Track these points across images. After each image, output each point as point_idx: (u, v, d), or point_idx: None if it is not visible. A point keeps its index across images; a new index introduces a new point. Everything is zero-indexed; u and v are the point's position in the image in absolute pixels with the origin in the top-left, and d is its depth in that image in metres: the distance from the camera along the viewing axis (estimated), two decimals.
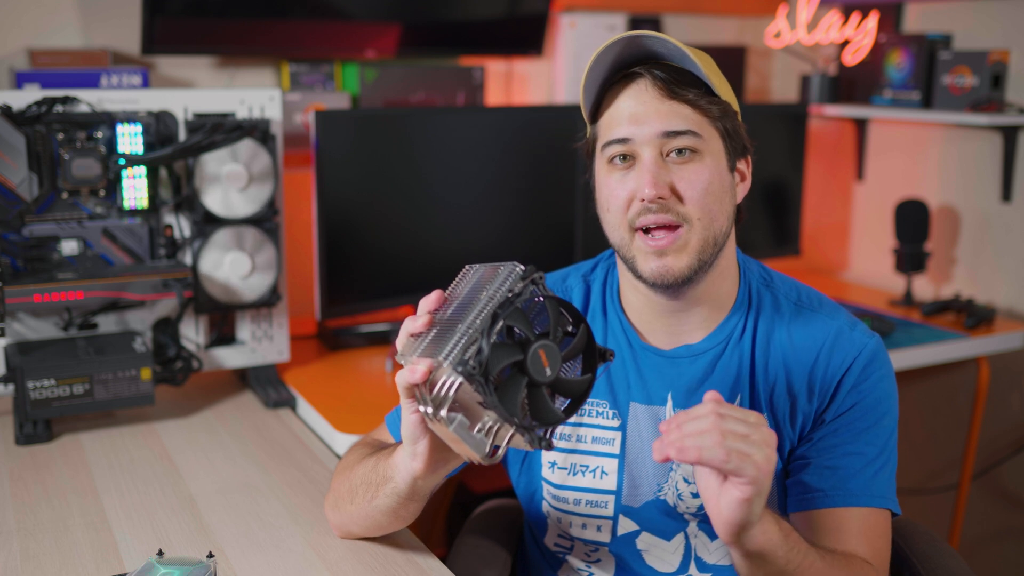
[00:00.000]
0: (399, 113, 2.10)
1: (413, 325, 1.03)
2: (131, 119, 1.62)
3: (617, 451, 1.23)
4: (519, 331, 0.94)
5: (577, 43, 2.50)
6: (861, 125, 2.70)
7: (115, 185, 1.63)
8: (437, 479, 1.11)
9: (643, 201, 1.12)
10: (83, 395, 1.56)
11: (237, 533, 1.28)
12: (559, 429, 1.11)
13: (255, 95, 1.73)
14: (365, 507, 1.17)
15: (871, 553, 1.14)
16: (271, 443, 1.59)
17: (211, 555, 1.08)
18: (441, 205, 2.06)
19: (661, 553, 1.24)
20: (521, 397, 0.94)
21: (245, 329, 1.80)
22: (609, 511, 1.24)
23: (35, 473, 1.45)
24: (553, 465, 1.26)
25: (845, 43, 2.62)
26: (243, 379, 1.87)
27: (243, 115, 1.72)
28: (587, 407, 1.24)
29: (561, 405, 0.99)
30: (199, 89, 1.97)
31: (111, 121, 1.61)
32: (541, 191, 2.18)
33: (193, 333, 1.75)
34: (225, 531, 1.28)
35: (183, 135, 1.66)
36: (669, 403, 1.21)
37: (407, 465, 1.08)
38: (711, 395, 0.98)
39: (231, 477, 1.45)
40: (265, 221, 1.74)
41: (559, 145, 2.16)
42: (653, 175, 1.12)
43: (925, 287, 2.57)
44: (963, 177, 2.48)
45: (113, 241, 1.65)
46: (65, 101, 1.58)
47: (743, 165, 1.21)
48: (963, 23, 2.45)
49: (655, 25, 2.66)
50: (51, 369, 1.53)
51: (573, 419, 1.09)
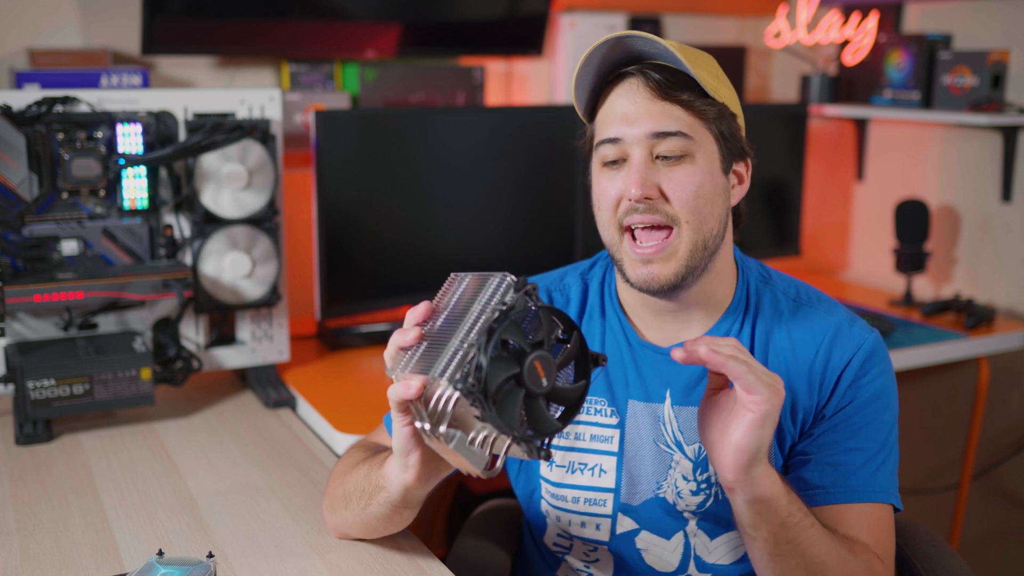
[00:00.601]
0: (399, 113, 2.10)
1: (403, 338, 1.01)
2: (131, 119, 1.62)
3: (616, 449, 1.23)
4: (513, 343, 0.94)
5: (577, 43, 2.50)
6: (861, 125, 2.70)
7: (115, 185, 1.63)
8: (430, 487, 1.11)
9: (630, 200, 1.13)
10: (83, 395, 1.56)
11: (237, 533, 1.28)
12: None
13: (255, 95, 1.73)
14: (360, 513, 1.17)
15: (875, 546, 1.14)
16: (271, 443, 1.59)
17: (211, 555, 1.08)
18: (441, 205, 2.06)
19: (660, 552, 1.24)
20: (519, 409, 0.94)
21: (245, 329, 1.80)
22: (608, 509, 1.24)
23: (35, 473, 1.45)
24: (552, 463, 1.26)
25: (845, 43, 2.62)
26: (243, 379, 1.87)
27: (243, 115, 1.72)
28: (585, 405, 1.23)
29: (555, 412, 0.99)
30: (199, 89, 1.97)
31: (111, 121, 1.61)
32: (541, 191, 2.18)
33: (193, 333, 1.75)
34: (225, 531, 1.28)
35: (183, 135, 1.66)
36: (667, 400, 1.21)
37: (399, 476, 1.07)
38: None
39: (231, 477, 1.46)
40: (265, 221, 1.74)
41: (559, 145, 2.16)
42: (641, 175, 1.12)
43: (925, 287, 2.57)
44: (963, 177, 2.48)
45: (113, 241, 1.65)
46: (65, 101, 1.58)
47: (741, 168, 1.20)
48: (963, 23, 2.45)
49: (655, 25, 2.66)
50: (51, 369, 1.53)
51: None
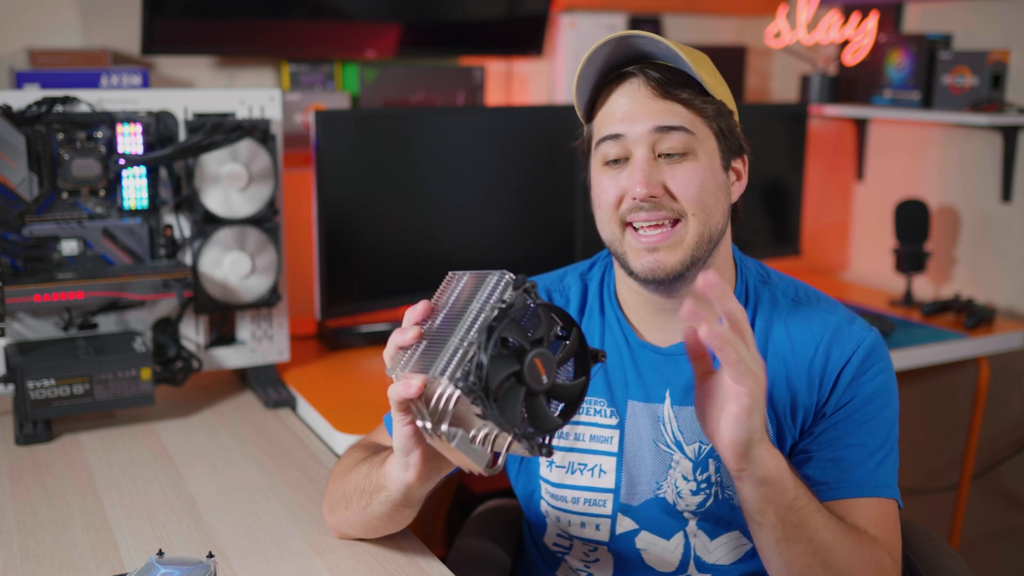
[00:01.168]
0: (399, 113, 2.10)
1: (402, 338, 1.00)
2: (131, 119, 1.62)
3: (615, 449, 1.23)
4: (513, 340, 0.94)
5: (577, 43, 2.50)
6: (861, 125, 2.70)
7: (115, 185, 1.63)
8: (431, 486, 1.11)
9: (634, 199, 1.13)
10: (83, 395, 1.56)
11: (237, 533, 1.28)
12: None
13: (255, 95, 1.73)
14: (360, 513, 1.17)
15: (882, 540, 1.14)
16: (271, 443, 1.59)
17: (211, 555, 1.08)
18: (441, 205, 2.06)
19: (660, 552, 1.24)
20: (520, 407, 0.94)
21: (245, 329, 1.80)
22: (607, 510, 1.24)
23: (35, 473, 1.45)
24: (551, 464, 1.26)
25: (845, 43, 2.62)
26: (243, 379, 1.87)
27: (243, 115, 1.71)
28: (585, 405, 1.24)
29: (555, 408, 0.99)
30: (199, 89, 1.97)
31: (111, 121, 1.61)
32: (541, 191, 2.18)
33: (193, 333, 1.75)
34: (225, 531, 1.28)
35: (183, 135, 1.66)
36: (667, 400, 1.21)
37: (400, 476, 1.07)
38: (712, 278, 0.95)
39: (231, 477, 1.45)
40: (265, 221, 1.74)
41: (559, 145, 2.15)
42: (645, 173, 1.12)
43: (925, 287, 2.57)
44: (963, 177, 2.48)
45: (113, 241, 1.65)
46: (65, 101, 1.58)
47: (739, 164, 1.21)
48: (963, 23, 2.45)
49: (655, 25, 2.66)
50: (51, 369, 1.53)
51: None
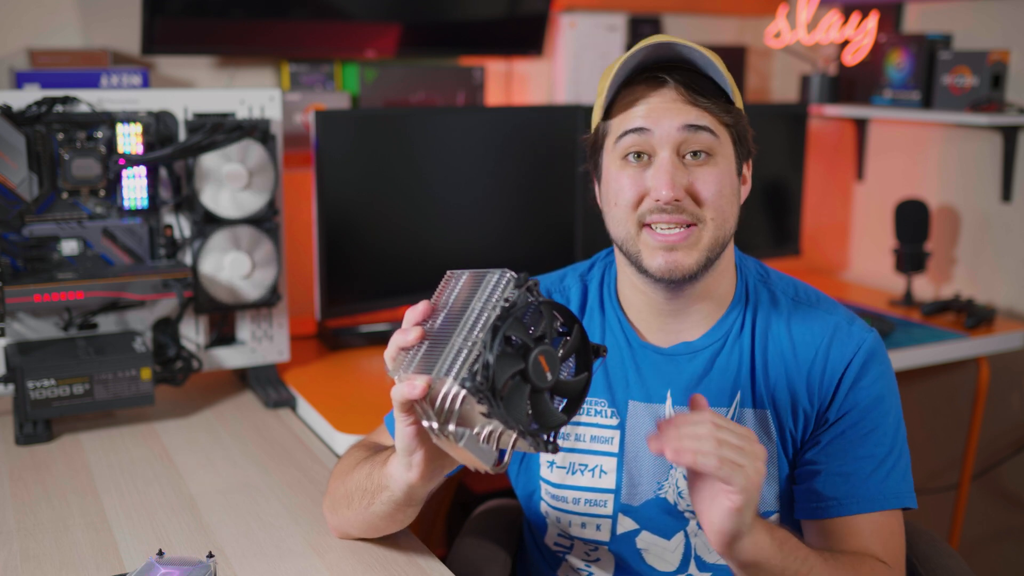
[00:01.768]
0: (399, 113, 2.10)
1: (404, 339, 1.00)
2: (131, 119, 1.62)
3: (616, 450, 1.23)
4: (517, 338, 0.94)
5: (577, 43, 2.50)
6: (861, 125, 2.70)
7: (115, 185, 1.63)
8: (433, 485, 1.11)
9: (658, 201, 1.11)
10: (83, 395, 1.56)
11: (237, 533, 1.28)
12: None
13: (255, 95, 1.73)
14: (362, 513, 1.17)
15: (886, 554, 1.14)
16: (271, 443, 1.59)
17: (211, 555, 1.08)
18: (441, 205, 2.06)
19: (661, 552, 1.24)
20: (525, 404, 0.94)
21: (245, 329, 1.80)
22: (608, 510, 1.24)
23: (35, 473, 1.45)
24: (552, 464, 1.26)
25: (845, 43, 2.62)
26: (243, 379, 1.87)
27: (243, 115, 1.71)
28: (585, 406, 1.24)
29: (558, 405, 0.99)
30: (199, 89, 1.97)
31: (111, 121, 1.60)
32: (541, 191, 2.18)
33: (193, 333, 1.75)
34: (225, 531, 1.28)
35: (183, 135, 1.66)
36: (668, 401, 1.21)
37: (403, 476, 1.07)
38: (702, 401, 1.04)
39: (231, 477, 1.45)
40: (265, 221, 1.74)
41: (559, 145, 2.16)
42: (671, 175, 1.11)
43: (925, 287, 2.57)
44: (963, 177, 2.48)
45: (113, 241, 1.65)
46: (65, 101, 1.58)
47: (746, 169, 1.21)
48: (963, 23, 2.45)
49: (655, 25, 2.66)
50: (51, 369, 1.53)
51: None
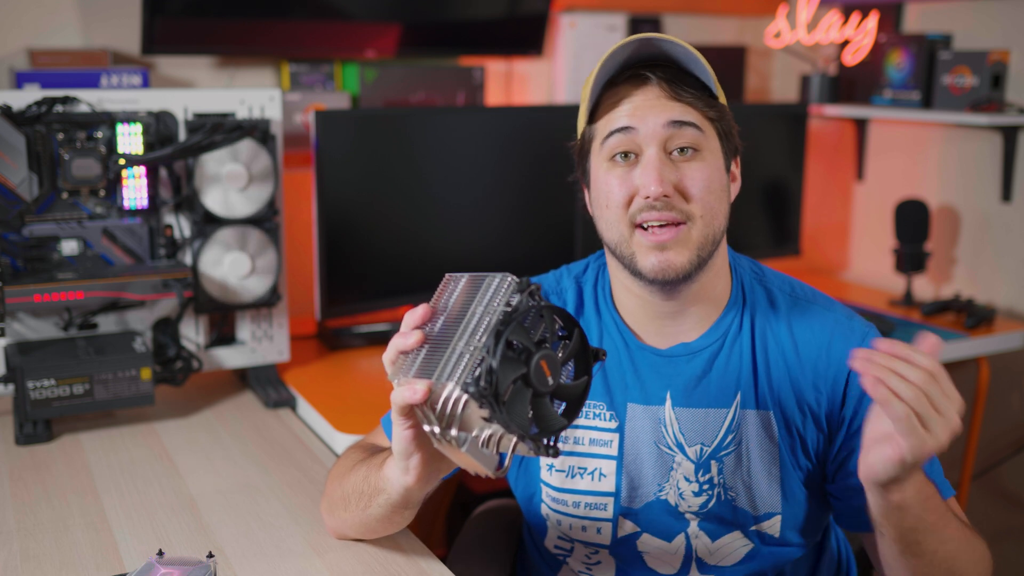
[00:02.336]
0: (399, 113, 2.10)
1: (404, 342, 1.00)
2: (131, 119, 1.62)
3: (615, 453, 1.23)
4: (518, 343, 0.94)
5: (577, 43, 2.50)
6: (861, 125, 2.70)
7: (115, 185, 1.63)
8: (430, 488, 1.11)
9: (647, 198, 1.12)
10: (83, 395, 1.56)
11: (237, 533, 1.28)
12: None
13: (255, 95, 1.73)
14: (359, 515, 1.17)
15: None
16: (271, 443, 1.59)
17: (211, 555, 1.08)
18: (441, 205, 2.06)
19: (662, 555, 1.24)
20: (527, 409, 0.94)
21: (245, 329, 1.80)
22: (608, 513, 1.23)
23: (35, 473, 1.45)
24: (551, 468, 1.26)
25: (845, 43, 2.62)
26: (243, 379, 1.87)
27: (243, 115, 1.71)
28: (584, 409, 1.23)
29: (558, 408, 0.99)
30: (199, 89, 1.97)
31: (111, 121, 1.60)
32: (541, 191, 2.18)
33: (193, 333, 1.75)
34: (225, 531, 1.28)
35: (183, 135, 1.66)
36: (668, 402, 1.21)
37: (399, 479, 1.07)
38: (935, 345, 0.97)
39: (231, 477, 1.45)
40: (265, 221, 1.74)
41: (559, 145, 2.14)
42: (658, 171, 1.11)
43: (925, 287, 2.57)
44: (963, 177, 2.48)
45: (113, 241, 1.65)
46: (65, 101, 1.58)
47: (734, 166, 1.22)
48: (963, 23, 2.45)
49: (655, 25, 2.66)
50: (51, 369, 1.53)
51: None
